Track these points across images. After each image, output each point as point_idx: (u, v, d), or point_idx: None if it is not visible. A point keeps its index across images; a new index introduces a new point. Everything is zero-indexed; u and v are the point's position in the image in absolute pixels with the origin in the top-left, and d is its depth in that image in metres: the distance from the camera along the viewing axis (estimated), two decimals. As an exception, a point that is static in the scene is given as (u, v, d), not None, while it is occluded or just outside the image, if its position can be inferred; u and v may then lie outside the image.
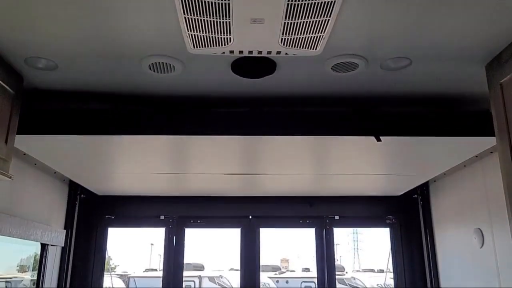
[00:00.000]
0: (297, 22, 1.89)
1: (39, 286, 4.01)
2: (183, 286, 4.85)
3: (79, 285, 4.56)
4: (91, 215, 4.72)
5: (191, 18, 1.86)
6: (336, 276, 4.88)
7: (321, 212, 4.87)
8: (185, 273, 4.91)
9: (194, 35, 1.99)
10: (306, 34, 1.98)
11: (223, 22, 1.88)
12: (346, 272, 19.08)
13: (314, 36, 2.01)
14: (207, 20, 1.87)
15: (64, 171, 3.87)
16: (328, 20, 1.88)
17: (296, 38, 2.02)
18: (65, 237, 4.20)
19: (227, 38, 2.01)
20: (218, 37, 2.00)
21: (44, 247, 4.01)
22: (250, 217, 4.88)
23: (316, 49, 2.12)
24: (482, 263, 3.53)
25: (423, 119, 2.83)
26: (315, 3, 1.76)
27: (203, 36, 2.00)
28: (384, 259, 5.15)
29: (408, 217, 4.78)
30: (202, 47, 2.09)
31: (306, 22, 1.89)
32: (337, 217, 4.87)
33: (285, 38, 2.02)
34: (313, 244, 4.95)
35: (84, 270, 4.62)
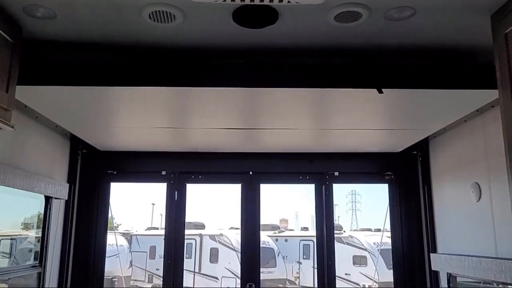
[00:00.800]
0: (301, -34, 1.85)
1: (44, 241, 4.09)
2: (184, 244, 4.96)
3: (83, 239, 4.66)
4: (93, 170, 4.77)
5: (192, -39, 1.82)
6: (334, 235, 4.98)
7: (320, 169, 4.92)
8: (186, 232, 5.02)
9: (195, -20, 1.95)
10: (309, -21, 1.94)
11: (224, -35, 1.84)
12: (344, 231, 19.47)
13: (318, -18, 1.97)
14: (208, -36, 1.83)
15: (65, 125, 3.88)
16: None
17: (299, -17, 1.98)
18: (68, 191, 4.26)
19: (228, -17, 1.97)
20: (219, -18, 1.96)
21: (48, 200, 4.07)
22: (251, 172, 4.93)
23: (319, -4, 2.08)
24: (478, 216, 3.60)
25: (426, 71, 2.82)
26: None
27: (204, -19, 1.95)
28: (381, 219, 5.25)
29: (406, 174, 4.83)
30: (203, -7, 2.05)
31: (310, -34, 1.85)
32: (336, 173, 4.93)
33: (288, -16, 1.98)
34: (312, 202, 5.02)
35: (88, 225, 4.71)
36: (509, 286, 3.34)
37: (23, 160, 3.57)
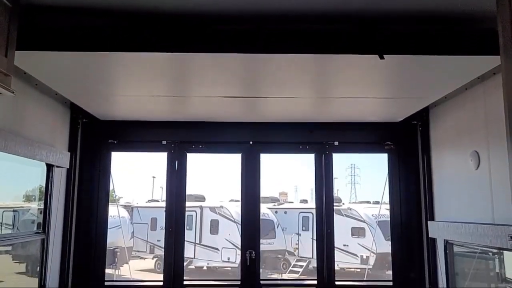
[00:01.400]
0: None
1: (47, 208, 4.13)
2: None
3: (85, 208, 4.70)
4: (94, 140, 4.78)
5: None
6: (334, 207, 5.03)
7: (320, 138, 4.94)
8: (187, 204, 5.06)
9: None
10: None
11: None
12: (343, 204, 19.64)
13: None
14: None
15: (65, 92, 3.86)
16: None
17: None
18: (69, 160, 4.28)
19: None
20: None
21: (49, 168, 4.10)
22: (251, 142, 4.94)
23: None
24: (477, 184, 3.63)
25: (428, 37, 2.79)
26: None
27: None
28: (379, 192, 5.29)
29: (406, 143, 4.85)
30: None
31: None
32: (336, 143, 4.94)
33: None
34: (312, 175, 5.04)
35: (90, 194, 4.75)
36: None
37: (24, 128, 3.57)
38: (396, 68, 3.06)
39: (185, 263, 4.91)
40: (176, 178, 4.92)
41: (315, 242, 5.00)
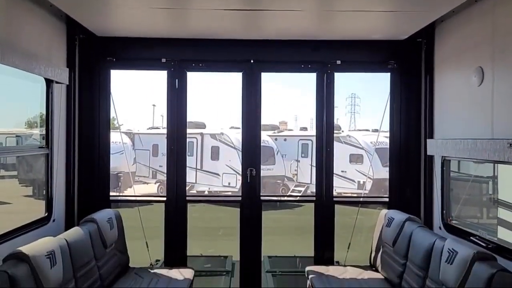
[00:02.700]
0: None
1: (49, 124, 4.14)
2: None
3: (86, 126, 4.71)
4: (92, 57, 4.69)
5: None
6: (333, 134, 5.02)
7: (323, 57, 4.84)
8: (188, 131, 5.05)
9: None
10: None
11: None
12: (342, 131, 19.80)
13: None
14: None
15: (59, 3, 3.69)
16: None
17: None
18: (68, 76, 4.23)
19: None
20: None
21: (49, 84, 4.06)
22: (252, 61, 4.85)
23: None
24: (478, 101, 3.62)
25: None
26: None
27: None
28: (379, 121, 5.26)
29: (409, 62, 4.77)
30: None
31: None
32: (338, 62, 4.86)
33: None
34: (312, 103, 4.99)
35: (90, 111, 4.74)
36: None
37: (20, 41, 3.49)
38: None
39: (187, 188, 5.01)
40: (177, 99, 4.88)
41: (313, 168, 5.07)
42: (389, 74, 4.87)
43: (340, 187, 16.15)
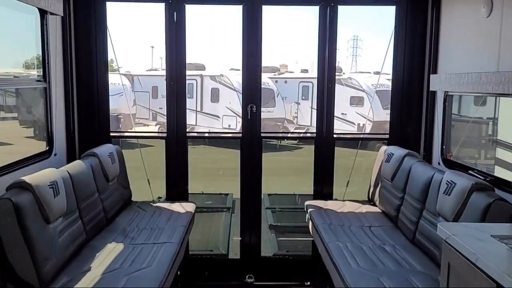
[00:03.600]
0: None
1: (45, 57, 4.04)
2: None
3: (83, 64, 4.60)
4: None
5: None
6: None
7: (326, -12, 4.65)
8: (187, 73, 4.92)
9: None
10: None
11: None
12: (344, 73, 19.57)
13: None
14: None
15: None
16: None
17: None
18: (63, 6, 4.08)
19: None
20: None
21: (43, 15, 3.93)
22: None
23: None
24: (486, 33, 3.52)
25: None
26: None
27: None
28: (381, 64, 5.14)
29: (416, -5, 4.59)
30: None
31: None
32: (342, -7, 4.68)
33: None
34: (314, 45, 4.84)
35: (88, 45, 4.61)
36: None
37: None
38: None
39: (187, 129, 4.98)
40: (176, 36, 4.71)
41: (314, 111, 4.97)
42: (394, 7, 4.70)
43: (339, 129, 16.19)
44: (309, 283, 4.62)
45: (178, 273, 3.92)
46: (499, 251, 2.07)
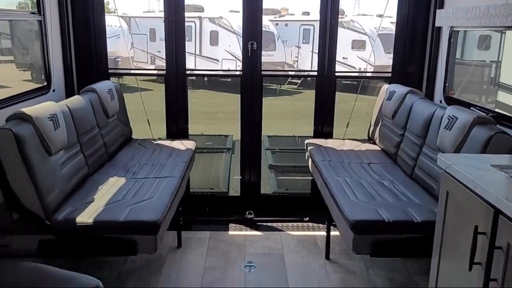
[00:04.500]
0: None
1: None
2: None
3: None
4: None
5: None
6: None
7: None
8: (185, 14, 4.75)
9: None
10: None
11: None
12: (346, 15, 19.04)
13: None
14: None
15: None
16: None
17: None
18: None
19: None
20: None
21: None
22: None
23: None
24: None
25: None
26: None
27: None
28: (383, 6, 4.93)
29: None
30: None
31: None
32: None
33: None
34: None
35: None
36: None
37: None
38: None
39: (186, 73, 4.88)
40: None
41: (315, 55, 4.84)
42: None
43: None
44: (307, 218, 4.72)
45: (180, 209, 3.98)
46: (498, 179, 2.08)
